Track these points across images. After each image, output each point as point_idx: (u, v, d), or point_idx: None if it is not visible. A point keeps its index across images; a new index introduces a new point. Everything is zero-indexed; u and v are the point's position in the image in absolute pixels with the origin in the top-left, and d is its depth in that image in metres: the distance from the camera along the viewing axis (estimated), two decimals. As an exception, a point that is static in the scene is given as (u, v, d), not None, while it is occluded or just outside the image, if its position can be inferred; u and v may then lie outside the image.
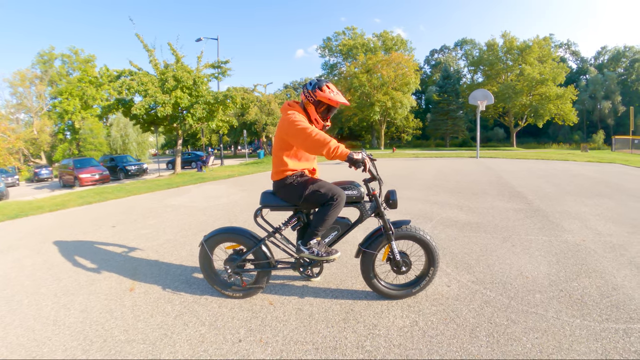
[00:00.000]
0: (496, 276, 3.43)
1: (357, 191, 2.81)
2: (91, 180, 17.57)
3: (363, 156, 2.46)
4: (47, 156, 39.02)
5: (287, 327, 2.57)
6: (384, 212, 2.81)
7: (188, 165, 27.22)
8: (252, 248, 2.90)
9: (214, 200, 8.40)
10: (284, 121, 2.67)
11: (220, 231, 3.03)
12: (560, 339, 2.37)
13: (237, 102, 17.31)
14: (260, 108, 33.46)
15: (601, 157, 21.53)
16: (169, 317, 2.77)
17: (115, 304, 3.04)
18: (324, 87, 2.69)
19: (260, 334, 2.49)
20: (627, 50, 62.37)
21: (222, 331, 2.54)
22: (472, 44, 67.25)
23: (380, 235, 2.84)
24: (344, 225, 2.87)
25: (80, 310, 2.94)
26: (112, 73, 16.92)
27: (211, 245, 3.01)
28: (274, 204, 2.90)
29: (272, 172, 2.89)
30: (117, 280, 3.56)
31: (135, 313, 2.85)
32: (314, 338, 2.43)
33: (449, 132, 54.55)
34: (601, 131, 51.73)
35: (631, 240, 4.48)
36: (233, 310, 2.84)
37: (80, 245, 4.99)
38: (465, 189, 8.80)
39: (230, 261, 2.97)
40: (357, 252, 2.94)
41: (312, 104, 2.73)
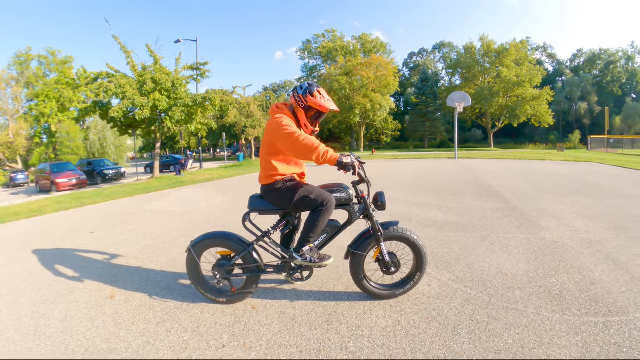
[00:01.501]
0: (476, 274, 3.48)
1: (346, 193, 2.81)
2: (68, 185, 17.16)
3: (352, 159, 2.48)
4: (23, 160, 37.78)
5: (271, 331, 2.55)
6: (372, 213, 2.82)
7: (166, 168, 26.77)
8: (241, 253, 2.86)
9: (193, 205, 8.30)
10: (271, 125, 2.62)
11: (208, 236, 2.98)
12: (541, 333, 2.42)
13: (216, 104, 17.19)
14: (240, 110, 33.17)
15: (577, 157, 22.19)
16: (151, 324, 2.72)
17: (96, 312, 2.96)
18: (315, 92, 2.66)
19: (244, 338, 2.47)
20: (603, 53, 64.68)
21: (206, 337, 2.50)
22: (450, 47, 68.42)
23: (369, 237, 2.86)
24: (333, 227, 2.87)
25: (61, 320, 2.86)
26: (90, 75, 16.59)
27: (199, 251, 2.95)
28: (263, 207, 2.86)
29: (260, 176, 2.83)
30: (97, 288, 3.47)
31: (117, 321, 2.79)
32: (298, 341, 2.42)
33: (428, 133, 55.42)
34: (577, 131, 53.43)
35: (607, 237, 4.62)
36: (216, 315, 2.81)
37: (58, 252, 4.85)
38: (444, 190, 8.93)
39: (219, 266, 2.92)
40: (347, 253, 2.94)
41: (302, 109, 2.70)
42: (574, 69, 67.19)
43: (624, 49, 64.41)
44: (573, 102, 61.35)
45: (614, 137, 39.18)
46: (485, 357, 2.18)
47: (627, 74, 61.85)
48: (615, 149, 34.43)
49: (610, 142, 36.70)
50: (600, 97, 60.27)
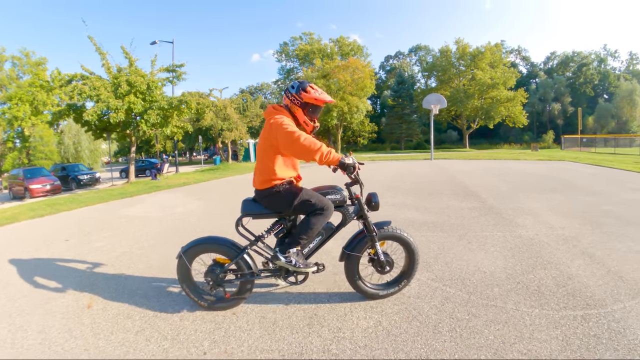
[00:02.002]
0: (455, 273, 3.54)
1: (340, 195, 2.82)
2: (42, 191, 16.58)
3: (353, 161, 2.48)
4: (-5, 166, 36.38)
5: (252, 337, 2.52)
6: (367, 214, 2.84)
7: (142, 173, 26.18)
8: (235, 258, 2.81)
9: (169, 210, 8.17)
10: (271, 125, 2.56)
11: (200, 241, 2.92)
12: (521, 328, 2.47)
13: (192, 107, 16.93)
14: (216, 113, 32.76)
15: (551, 156, 22.88)
16: (130, 333, 2.65)
17: (73, 322, 2.88)
18: (307, 88, 2.64)
19: (225, 345, 2.43)
20: (576, 56, 67.06)
21: (186, 345, 2.45)
22: (426, 50, 69.68)
23: (364, 238, 2.88)
24: (327, 229, 2.87)
25: (38, 331, 2.77)
26: (64, 77, 16.11)
27: (190, 257, 2.88)
28: (257, 212, 2.81)
29: (256, 181, 2.76)
30: (73, 298, 3.37)
31: (95, 331, 2.71)
32: (280, 345, 2.40)
33: (404, 135, 56.26)
34: (551, 131, 55.12)
35: (583, 232, 4.77)
36: (195, 322, 2.76)
37: (33, 261, 4.70)
38: (421, 190, 9.05)
39: (211, 272, 2.85)
40: (341, 255, 2.95)
41: (298, 107, 2.66)
42: (548, 71, 69.38)
43: (597, 51, 67.21)
44: (547, 103, 63.37)
45: (586, 137, 40.57)
46: (467, 353, 2.21)
47: (600, 75, 64.31)
48: (588, 148, 35.61)
49: (583, 141, 37.97)
50: (573, 98, 62.40)
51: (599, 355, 2.14)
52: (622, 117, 56.20)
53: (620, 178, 10.49)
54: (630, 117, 55.67)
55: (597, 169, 13.60)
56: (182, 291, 3.09)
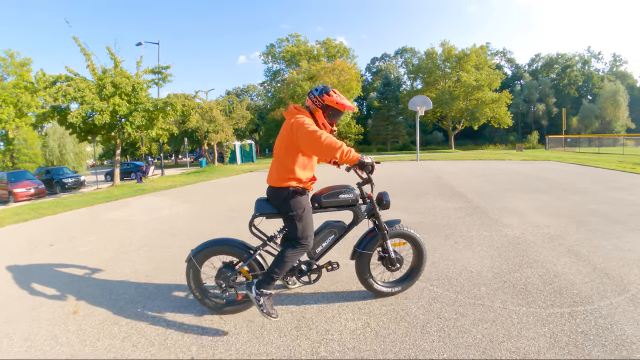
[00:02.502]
0: (441, 273, 3.56)
1: (353, 195, 2.85)
2: (26, 195, 16.30)
3: (372, 160, 2.51)
4: (-21, 169, 35.53)
5: (239, 341, 2.50)
6: (379, 213, 2.87)
7: (127, 176, 25.84)
8: (248, 259, 2.78)
9: (155, 213, 8.08)
10: (293, 124, 2.55)
11: (210, 243, 2.86)
12: (509, 327, 2.50)
13: (177, 109, 16.80)
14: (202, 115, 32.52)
15: (536, 156, 23.23)
16: (117, 339, 2.62)
17: (59, 329, 2.83)
18: (330, 92, 2.65)
19: (213, 349, 2.40)
20: (560, 57, 68.42)
21: (173, 350, 2.42)
22: (412, 53, 70.35)
23: (375, 236, 2.91)
24: (340, 228, 2.89)
25: (24, 339, 2.72)
26: (49, 78, 15.82)
27: (200, 260, 2.83)
28: (270, 211, 2.77)
29: (273, 177, 2.70)
30: (59, 304, 3.32)
31: (81, 338, 2.67)
32: (268, 349, 2.38)
33: (390, 136, 56.69)
34: (535, 132, 56.14)
35: (568, 231, 4.85)
36: (182, 327, 2.73)
37: (17, 267, 4.61)
38: (407, 191, 9.09)
39: (223, 275, 2.81)
40: (353, 254, 2.97)
41: (319, 109, 2.67)
42: (533, 73, 70.60)
43: (581, 53, 68.68)
44: (531, 104, 64.52)
45: (570, 137, 41.35)
46: (456, 353, 2.22)
47: (584, 76, 65.71)
48: (573, 148, 36.33)
49: (568, 141, 38.68)
50: (557, 99, 63.60)
51: (587, 351, 2.17)
52: (605, 117, 57.47)
53: (605, 177, 10.69)
54: (614, 117, 56.96)
55: (581, 168, 13.83)
56: (191, 295, 3.04)
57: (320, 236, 2.87)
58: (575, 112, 60.73)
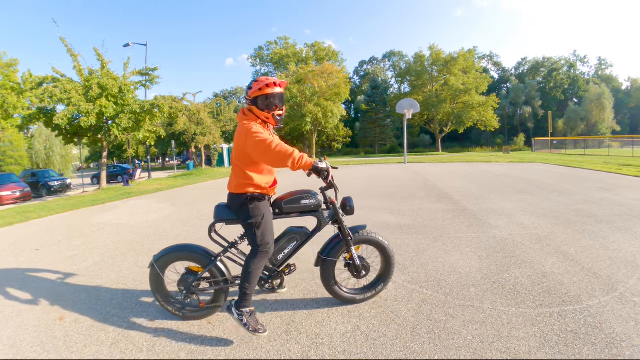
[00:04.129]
0: (431, 274, 3.58)
1: (315, 200, 2.79)
2: (12, 199, 16.03)
3: (327, 165, 2.46)
4: (-36, 172, 34.68)
5: (229, 346, 2.48)
6: (342, 219, 2.81)
7: (114, 179, 25.66)
8: (208, 266, 2.74)
9: (142, 217, 7.99)
10: (241, 132, 2.50)
11: (172, 250, 2.84)
12: (499, 327, 2.52)
13: (164, 111, 16.64)
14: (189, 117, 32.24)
15: (522, 158, 23.55)
16: (104, 346, 2.57)
17: (45, 335, 2.77)
18: (253, 84, 2.57)
19: (202, 355, 2.38)
20: (546, 61, 69.46)
21: (162, 356, 2.39)
22: (399, 56, 70.49)
23: (339, 242, 2.85)
24: (302, 234, 2.83)
25: (10, 346, 2.65)
26: (35, 79, 15.54)
27: (162, 266, 2.80)
28: (230, 217, 2.72)
29: (232, 184, 2.65)
30: (45, 310, 3.25)
31: (68, 344, 2.62)
32: (258, 354, 2.36)
33: (378, 139, 56.88)
34: (522, 134, 56.94)
35: (555, 231, 4.91)
36: (171, 333, 2.69)
37: (2, 272, 4.51)
38: (395, 194, 9.15)
39: (184, 281, 2.77)
40: (317, 260, 2.91)
41: (253, 105, 2.57)
42: (519, 76, 71.53)
43: (567, 57, 69.79)
44: (518, 107, 65.44)
45: (557, 139, 41.94)
46: (446, 354, 2.23)
47: (570, 80, 66.83)
48: (559, 150, 36.86)
49: (554, 143, 39.23)
50: (543, 102, 64.52)
51: (577, 350, 2.20)
52: (591, 119, 58.47)
53: (591, 178, 10.89)
54: (599, 119, 57.99)
55: (567, 169, 14.07)
56: (156, 301, 3.01)
57: (281, 243, 2.81)
58: (562, 115, 61.71)
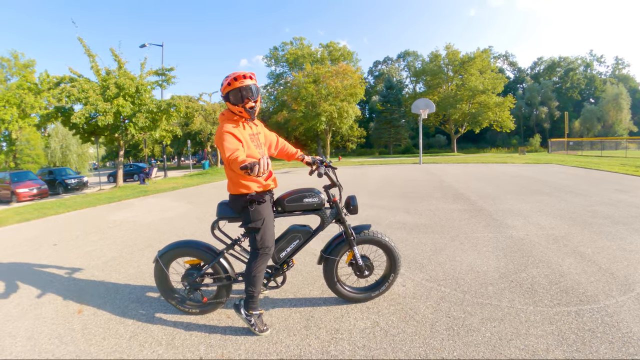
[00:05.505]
0: (448, 273, 3.56)
1: (318, 198, 2.75)
2: (29, 195, 16.33)
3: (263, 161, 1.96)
4: (-19, 170, 35.62)
5: (248, 340, 2.49)
6: (345, 218, 2.80)
7: (130, 177, 26.07)
8: (211, 262, 2.77)
9: (158, 214, 8.07)
10: (217, 131, 2.46)
11: (176, 245, 2.87)
12: (517, 325, 2.50)
13: (181, 110, 16.81)
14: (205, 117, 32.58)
15: (538, 159, 23.19)
16: (123, 338, 2.60)
17: (63, 328, 2.81)
18: (223, 81, 2.53)
19: (221, 349, 2.39)
20: (562, 61, 68.19)
21: (181, 350, 2.41)
22: (414, 56, 69.99)
23: (342, 241, 2.84)
24: (305, 233, 2.81)
25: (27, 338, 2.69)
26: (52, 80, 15.85)
27: (166, 261, 2.85)
28: (232, 215, 2.75)
29: (229, 185, 2.65)
30: (63, 303, 3.29)
31: (87, 337, 2.65)
32: (277, 348, 2.38)
33: (392, 140, 56.54)
34: (538, 135, 56.01)
35: (572, 232, 4.84)
36: (190, 327, 2.72)
37: (20, 266, 4.59)
38: (410, 193, 9.09)
39: (188, 277, 2.82)
40: (320, 258, 2.91)
41: (228, 102, 2.53)
42: (535, 76, 70.48)
43: (583, 56, 68.43)
44: (534, 107, 64.44)
45: (573, 140, 41.11)
46: (465, 351, 2.22)
47: (586, 80, 65.59)
48: (575, 151, 36.14)
49: (570, 144, 38.49)
50: (560, 102, 63.47)
51: (594, 348, 2.18)
52: (608, 120, 57.37)
53: (607, 179, 10.69)
54: (616, 120, 56.85)
55: (583, 171, 13.83)
56: (160, 296, 3.05)
57: (284, 241, 2.78)
58: (578, 116, 60.64)
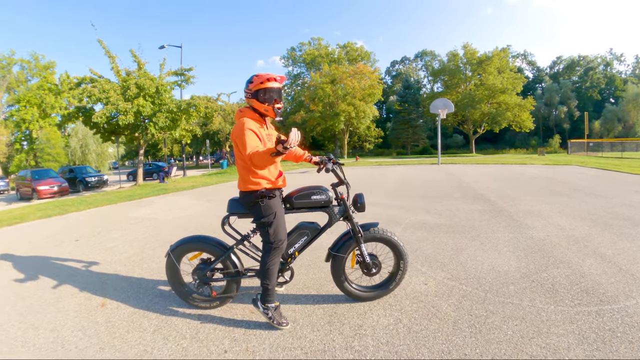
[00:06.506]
0: (470, 272, 3.55)
1: (325, 195, 2.78)
2: (50, 193, 16.67)
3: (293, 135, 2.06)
4: (3, 167, 36.67)
5: (272, 335, 2.52)
6: (352, 215, 2.82)
7: (149, 176, 26.41)
8: (221, 257, 2.83)
9: (179, 212, 8.17)
10: (235, 128, 2.54)
11: (187, 240, 2.94)
12: (538, 324, 2.50)
13: (200, 110, 17.02)
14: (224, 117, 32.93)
15: (558, 160, 22.73)
16: (147, 332, 2.64)
17: (86, 321, 2.85)
18: (254, 78, 2.59)
19: (246, 343, 2.42)
20: (581, 60, 66.65)
21: (206, 343, 2.44)
22: (431, 56, 69.29)
23: (350, 239, 2.85)
24: (313, 229, 2.85)
25: (50, 330, 2.74)
26: (73, 80, 16.23)
27: (178, 255, 2.91)
28: (242, 211, 2.78)
29: (240, 182, 2.70)
30: (85, 297, 3.35)
31: (110, 330, 2.69)
32: (302, 343, 2.40)
33: (410, 140, 55.98)
34: (557, 136, 54.83)
35: (592, 233, 4.77)
36: (214, 321, 2.76)
37: (42, 260, 4.70)
38: (429, 194, 9.03)
39: (198, 271, 2.88)
40: (327, 256, 2.93)
41: (252, 99, 2.59)
42: (554, 76, 69.12)
43: (603, 55, 66.79)
44: (553, 107, 63.11)
45: (593, 141, 40.16)
46: (488, 348, 2.23)
47: (606, 79, 64.01)
48: (595, 152, 35.30)
49: (590, 145, 37.61)
50: (579, 102, 62.02)
51: (614, 348, 2.18)
52: (628, 120, 55.83)
53: (628, 181, 10.43)
54: (637, 120, 55.27)
55: (603, 172, 13.53)
56: (171, 289, 3.11)
57: (292, 237, 2.82)
58: (598, 116, 59.18)
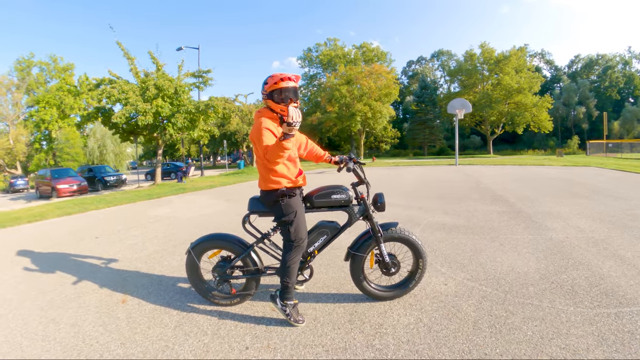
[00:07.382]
0: (489, 273, 3.53)
1: (346, 195, 2.79)
2: (69, 191, 17.00)
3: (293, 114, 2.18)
4: (22, 166, 37.70)
5: (294, 332, 2.55)
6: (372, 214, 2.82)
7: (167, 176, 26.83)
8: (241, 255, 2.86)
9: (197, 211, 8.26)
10: (254, 128, 2.60)
11: (208, 238, 2.98)
12: (558, 325, 2.49)
13: (218, 111, 17.18)
14: (242, 118, 33.23)
15: (576, 161, 22.29)
16: (168, 328, 2.67)
17: (107, 316, 2.90)
18: (268, 79, 2.63)
19: (267, 340, 2.45)
20: (600, 59, 65.12)
21: (227, 339, 2.47)
22: (448, 55, 68.57)
23: (369, 238, 2.86)
24: (332, 229, 2.86)
25: (71, 325, 2.79)
26: (92, 81, 16.55)
27: (198, 253, 2.95)
28: (262, 210, 2.82)
29: (260, 181, 2.74)
30: (106, 293, 3.41)
31: (131, 325, 2.73)
32: (323, 340, 2.42)
33: (427, 141, 55.53)
34: (575, 136, 53.68)
35: (612, 235, 4.69)
36: (235, 317, 2.79)
37: (63, 257, 4.79)
38: (447, 195, 8.98)
39: (218, 268, 2.92)
40: (347, 255, 2.94)
41: (268, 99, 2.64)
42: (572, 75, 67.74)
43: (621, 54, 65.10)
44: (571, 107, 61.79)
45: (612, 142, 39.19)
46: (508, 348, 2.24)
47: (625, 78, 62.35)
48: (614, 154, 34.49)
49: (609, 146, 36.74)
50: (598, 102, 60.64)
51: (634, 350, 2.17)
52: (648, 121, 54.42)
53: (648, 183, 10.20)
54: (658, 121, 53.86)
55: (623, 174, 13.24)
56: (191, 286, 3.15)
57: (312, 236, 2.85)
58: (617, 116, 57.74)
